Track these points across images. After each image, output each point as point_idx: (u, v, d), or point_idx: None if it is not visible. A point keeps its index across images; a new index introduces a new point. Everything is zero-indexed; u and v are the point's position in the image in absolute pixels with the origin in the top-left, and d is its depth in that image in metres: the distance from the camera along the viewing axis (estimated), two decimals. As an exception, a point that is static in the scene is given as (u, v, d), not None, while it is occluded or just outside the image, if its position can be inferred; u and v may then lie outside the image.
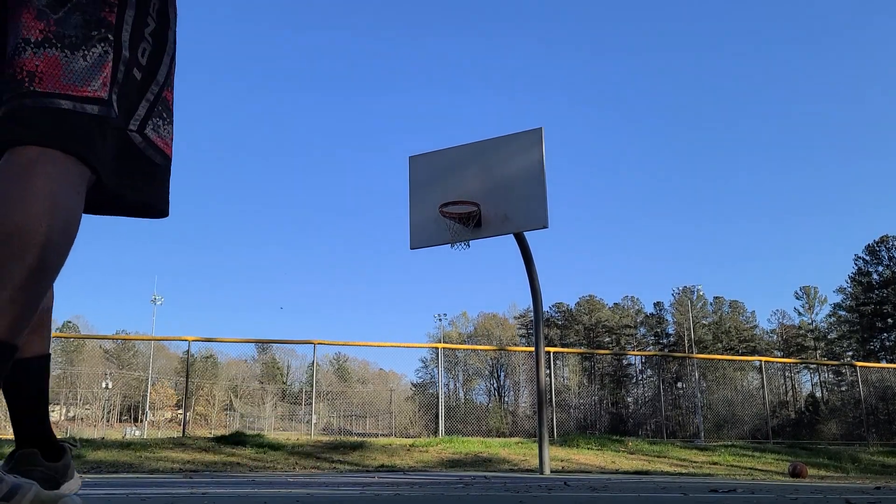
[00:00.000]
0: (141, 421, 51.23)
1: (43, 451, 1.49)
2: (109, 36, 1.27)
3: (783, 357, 54.61)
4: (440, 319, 60.70)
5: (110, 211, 1.37)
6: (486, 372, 59.09)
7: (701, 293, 64.68)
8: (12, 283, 1.05)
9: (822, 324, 60.30)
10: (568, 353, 44.82)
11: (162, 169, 1.36)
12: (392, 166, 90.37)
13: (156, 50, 1.37)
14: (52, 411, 50.05)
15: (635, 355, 58.65)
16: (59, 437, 1.58)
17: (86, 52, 1.24)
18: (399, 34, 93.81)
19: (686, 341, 58.72)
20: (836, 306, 56.94)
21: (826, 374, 51.52)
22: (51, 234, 1.09)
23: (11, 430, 1.52)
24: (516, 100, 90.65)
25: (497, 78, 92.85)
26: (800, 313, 62.48)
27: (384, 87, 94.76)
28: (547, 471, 6.99)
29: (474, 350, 54.61)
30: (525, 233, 7.09)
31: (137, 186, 1.31)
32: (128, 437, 14.99)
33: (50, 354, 1.52)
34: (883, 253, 54.05)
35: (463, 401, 51.32)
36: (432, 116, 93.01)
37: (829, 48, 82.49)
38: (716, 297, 66.65)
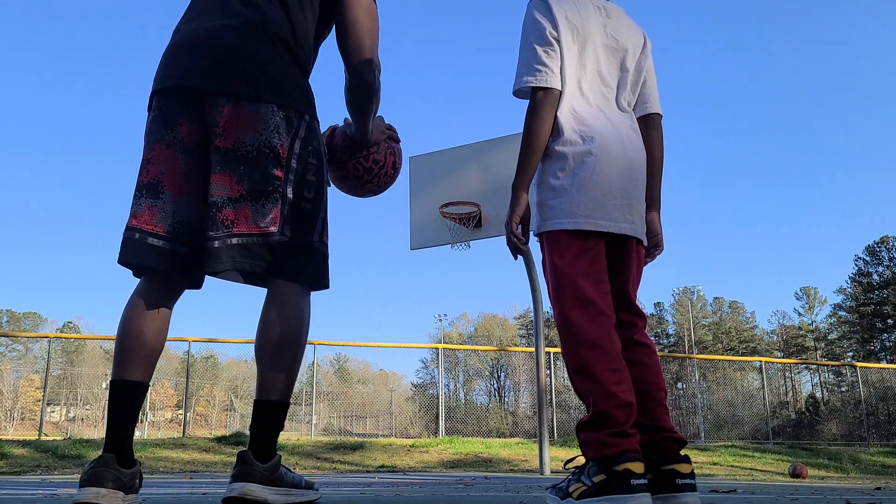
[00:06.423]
0: (141, 421, 51.13)
1: (119, 460, 1.73)
2: (279, 188, 1.78)
3: (783, 357, 54.53)
4: (440, 320, 60.76)
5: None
6: (487, 372, 58.99)
7: (701, 293, 64.68)
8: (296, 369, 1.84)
9: (823, 324, 60.26)
10: (568, 353, 44.66)
11: (326, 258, 1.93)
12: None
13: (318, 184, 1.89)
14: (53, 412, 50.03)
15: (635, 356, 58.44)
16: (60, 437, 1.66)
17: (265, 201, 1.77)
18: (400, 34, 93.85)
19: (686, 342, 58.71)
20: (837, 307, 56.84)
21: (826, 375, 51.45)
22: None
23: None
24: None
25: (497, 76, 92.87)
26: (800, 314, 62.44)
27: (385, 85, 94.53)
28: (547, 471, 6.98)
29: (474, 350, 54.53)
30: (525, 233, 7.07)
31: (316, 270, 1.91)
32: (128, 437, 14.93)
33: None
34: (883, 253, 53.94)
35: (463, 401, 51.20)
36: (433, 116, 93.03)
37: (834, 54, 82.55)
38: (716, 298, 66.61)
